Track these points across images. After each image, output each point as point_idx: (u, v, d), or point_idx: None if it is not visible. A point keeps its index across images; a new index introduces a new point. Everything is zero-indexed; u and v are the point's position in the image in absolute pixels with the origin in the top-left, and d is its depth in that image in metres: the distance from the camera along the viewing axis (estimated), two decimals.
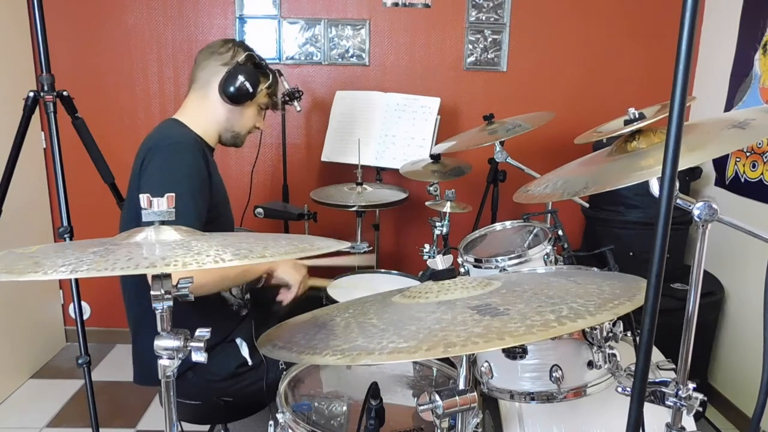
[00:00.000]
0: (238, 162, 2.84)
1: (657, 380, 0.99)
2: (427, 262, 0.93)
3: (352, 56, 2.84)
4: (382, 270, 2.07)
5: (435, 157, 2.30)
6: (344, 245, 0.95)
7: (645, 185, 0.99)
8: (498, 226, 1.66)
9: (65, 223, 1.75)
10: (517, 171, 2.17)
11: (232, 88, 1.58)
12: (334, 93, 2.73)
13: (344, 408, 1.20)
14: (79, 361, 1.72)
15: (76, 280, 1.75)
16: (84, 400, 1.80)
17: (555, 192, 1.13)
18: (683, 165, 0.79)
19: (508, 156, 2.15)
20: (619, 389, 1.04)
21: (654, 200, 0.69)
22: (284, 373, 1.29)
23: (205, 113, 1.64)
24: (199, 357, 0.85)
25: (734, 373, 2.46)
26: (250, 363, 1.59)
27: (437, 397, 0.81)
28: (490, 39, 2.81)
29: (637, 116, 1.13)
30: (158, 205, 0.85)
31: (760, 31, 2.32)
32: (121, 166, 2.13)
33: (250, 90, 1.60)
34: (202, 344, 0.85)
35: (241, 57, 1.61)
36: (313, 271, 1.79)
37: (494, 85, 2.86)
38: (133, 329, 1.62)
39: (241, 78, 1.58)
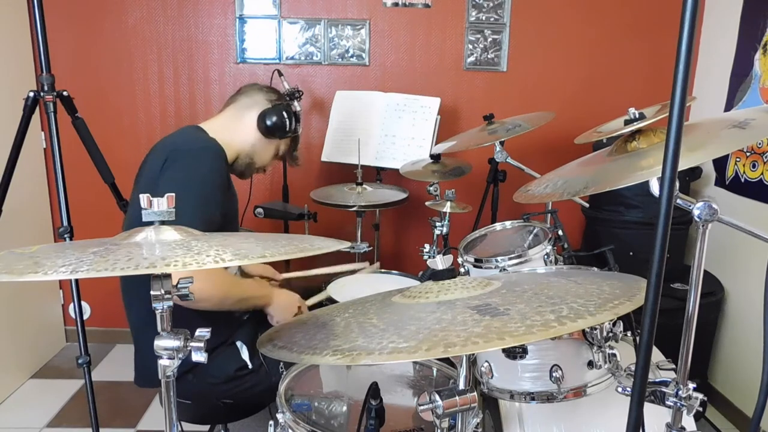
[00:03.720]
0: None
1: (657, 380, 0.99)
2: (427, 262, 0.93)
3: (352, 56, 2.84)
4: (382, 270, 2.07)
5: (435, 157, 2.30)
6: (344, 245, 0.95)
7: (645, 185, 0.99)
8: (498, 226, 1.66)
9: (65, 223, 1.75)
10: (517, 171, 2.17)
11: (270, 120, 1.70)
12: (334, 93, 2.73)
13: (344, 408, 1.20)
14: (79, 361, 1.71)
15: (76, 280, 1.75)
16: (84, 400, 1.80)
17: (555, 192, 1.13)
18: (683, 165, 0.79)
19: (508, 156, 2.15)
20: (619, 389, 1.04)
21: (654, 200, 0.69)
22: (284, 373, 1.30)
23: (234, 132, 1.70)
24: (199, 357, 0.85)
25: (734, 373, 2.46)
26: (250, 366, 1.58)
27: (437, 397, 0.81)
28: (490, 39, 2.81)
29: (637, 116, 1.13)
30: (158, 205, 0.85)
31: (760, 31, 2.32)
32: (121, 166, 2.13)
33: (286, 128, 1.71)
34: (202, 344, 0.85)
35: (285, 103, 1.75)
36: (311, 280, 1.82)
37: (494, 85, 2.86)
38: (136, 332, 1.61)
39: (283, 115, 1.70)
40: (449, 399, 0.82)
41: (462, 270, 1.48)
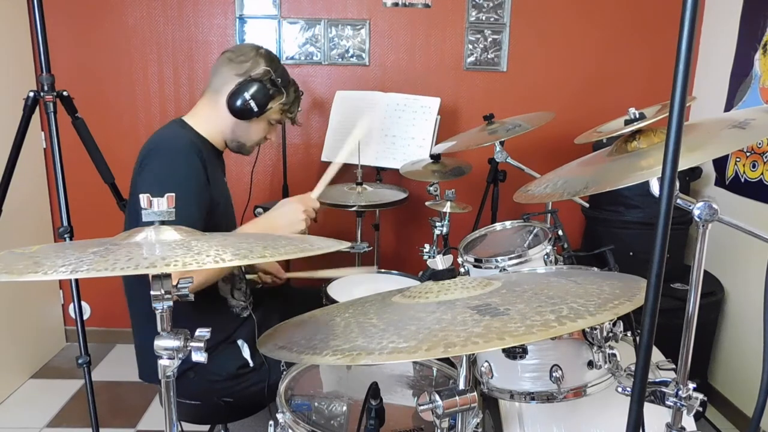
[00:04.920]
0: (238, 162, 2.84)
1: (657, 380, 0.99)
2: (427, 262, 0.93)
3: (352, 56, 2.84)
4: (382, 270, 2.07)
5: (435, 157, 2.30)
6: (344, 245, 0.95)
7: (645, 185, 0.99)
8: (498, 226, 1.66)
9: (65, 223, 1.75)
10: (517, 171, 2.17)
11: (237, 103, 1.55)
12: (334, 93, 2.73)
13: (344, 408, 1.20)
14: (79, 361, 1.72)
15: (76, 280, 1.75)
16: (84, 400, 1.80)
17: (555, 192, 1.13)
18: (683, 165, 0.79)
19: (508, 156, 2.15)
20: (619, 389, 1.04)
21: (654, 200, 0.69)
22: (284, 373, 1.30)
23: (212, 119, 1.63)
24: (199, 357, 0.85)
25: (734, 373, 2.46)
26: (251, 364, 1.58)
27: (437, 397, 0.81)
28: (490, 39, 2.81)
29: (637, 116, 1.13)
30: (158, 205, 0.85)
31: (760, 31, 2.32)
32: (121, 166, 2.13)
33: (255, 109, 1.56)
34: (202, 344, 0.85)
35: (258, 70, 1.57)
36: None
37: (494, 85, 2.86)
38: (136, 325, 1.62)
39: (246, 95, 1.54)
40: (449, 399, 0.82)
41: (462, 270, 1.48)
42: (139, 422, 2.41)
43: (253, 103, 1.55)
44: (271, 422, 1.14)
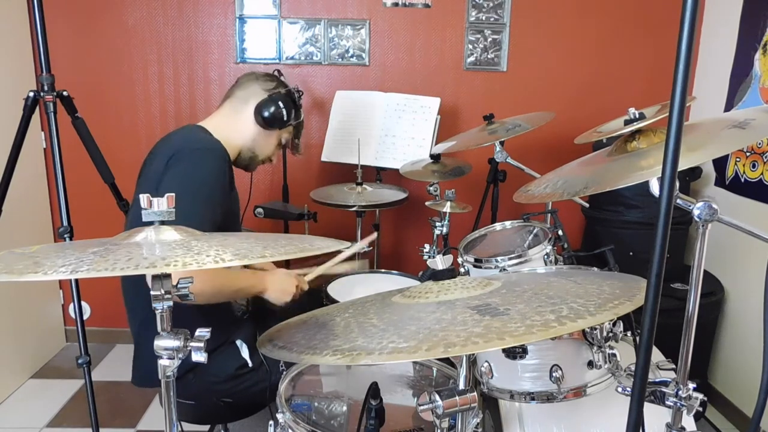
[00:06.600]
0: None
1: (657, 380, 0.99)
2: (427, 262, 0.93)
3: (352, 56, 2.84)
4: (382, 270, 2.07)
5: (435, 157, 2.30)
6: (344, 245, 0.95)
7: (645, 185, 0.99)
8: (498, 226, 1.66)
9: (65, 223, 1.75)
10: (517, 171, 2.17)
11: (267, 112, 1.68)
12: (334, 93, 2.73)
13: (344, 408, 1.20)
14: (79, 361, 1.71)
15: (76, 280, 1.75)
16: (84, 400, 1.80)
17: (555, 192, 1.13)
18: (683, 165, 0.79)
19: (508, 156, 2.15)
20: (619, 389, 1.04)
21: (654, 200, 0.69)
22: (284, 373, 1.30)
23: (233, 127, 1.70)
24: (199, 357, 0.85)
25: (734, 373, 2.46)
26: (250, 365, 1.58)
27: (437, 397, 0.81)
28: (490, 39, 2.81)
29: (637, 116, 1.14)
30: (158, 205, 0.85)
31: (760, 31, 2.32)
32: (121, 166, 2.14)
33: (284, 118, 1.70)
34: (202, 344, 0.85)
35: (283, 91, 1.73)
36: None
37: (494, 85, 2.86)
38: (137, 332, 1.61)
39: (280, 104, 1.69)
40: (449, 399, 0.82)
41: (462, 270, 1.48)
42: (139, 422, 2.41)
43: (284, 112, 1.70)
44: (271, 422, 1.14)
